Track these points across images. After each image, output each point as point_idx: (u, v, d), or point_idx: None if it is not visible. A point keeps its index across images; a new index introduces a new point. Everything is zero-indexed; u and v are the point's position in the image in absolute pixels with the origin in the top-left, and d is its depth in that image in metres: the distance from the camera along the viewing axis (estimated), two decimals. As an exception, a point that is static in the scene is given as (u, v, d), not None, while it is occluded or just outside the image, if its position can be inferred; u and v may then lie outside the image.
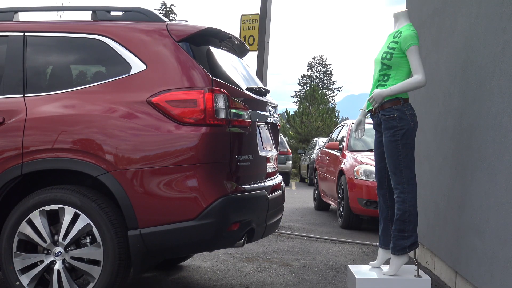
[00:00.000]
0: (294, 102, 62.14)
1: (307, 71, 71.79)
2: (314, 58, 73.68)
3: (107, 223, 3.31)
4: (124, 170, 3.28)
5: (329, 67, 71.30)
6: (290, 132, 33.59)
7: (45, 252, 3.41)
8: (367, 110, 4.11)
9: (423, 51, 4.84)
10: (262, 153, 3.89)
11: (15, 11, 3.80)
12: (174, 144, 3.28)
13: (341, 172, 7.93)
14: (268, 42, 8.13)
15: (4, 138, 3.44)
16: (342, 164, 8.03)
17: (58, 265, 3.38)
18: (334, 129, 10.64)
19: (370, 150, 7.86)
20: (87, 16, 3.74)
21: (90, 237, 3.38)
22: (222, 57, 3.79)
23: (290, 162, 17.96)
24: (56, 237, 3.40)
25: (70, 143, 3.34)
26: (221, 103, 3.33)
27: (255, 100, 3.83)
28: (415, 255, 3.99)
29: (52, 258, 3.40)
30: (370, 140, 8.21)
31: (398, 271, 3.84)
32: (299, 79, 70.79)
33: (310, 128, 32.68)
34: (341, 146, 8.66)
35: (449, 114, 4.38)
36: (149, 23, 3.56)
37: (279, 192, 4.12)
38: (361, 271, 3.98)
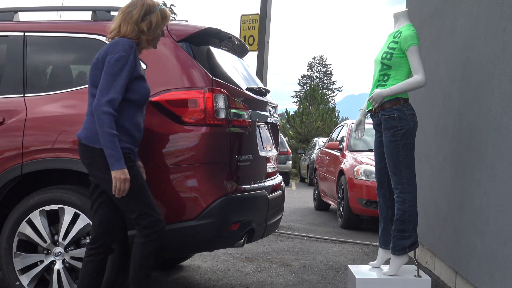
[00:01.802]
0: (294, 102, 62.13)
1: (307, 71, 71.78)
2: (314, 58, 73.69)
3: (107, 223, 3.30)
4: (124, 170, 3.26)
5: (329, 67, 71.30)
6: (290, 132, 33.59)
7: (45, 252, 3.41)
8: (367, 110, 4.11)
9: (423, 51, 4.84)
10: (262, 153, 3.89)
11: (15, 11, 3.80)
12: (174, 144, 3.28)
13: (341, 172, 7.93)
14: (268, 42, 8.13)
15: (4, 138, 3.44)
16: (342, 164, 8.03)
17: (58, 265, 3.38)
18: (334, 129, 10.64)
19: (370, 150, 7.86)
20: (87, 16, 3.75)
21: (90, 237, 3.37)
22: (222, 57, 3.79)
23: (290, 162, 17.96)
24: (56, 237, 3.40)
25: (70, 143, 3.34)
26: (221, 103, 3.32)
27: (255, 100, 3.83)
28: (415, 255, 3.99)
29: (52, 258, 3.40)
30: (370, 140, 8.21)
31: (398, 271, 3.83)
32: (299, 79, 70.82)
33: (310, 128, 32.68)
34: (341, 146, 8.66)
35: (449, 114, 4.38)
36: (149, 23, 3.55)
37: (279, 192, 4.11)
38: (361, 271, 3.98)
